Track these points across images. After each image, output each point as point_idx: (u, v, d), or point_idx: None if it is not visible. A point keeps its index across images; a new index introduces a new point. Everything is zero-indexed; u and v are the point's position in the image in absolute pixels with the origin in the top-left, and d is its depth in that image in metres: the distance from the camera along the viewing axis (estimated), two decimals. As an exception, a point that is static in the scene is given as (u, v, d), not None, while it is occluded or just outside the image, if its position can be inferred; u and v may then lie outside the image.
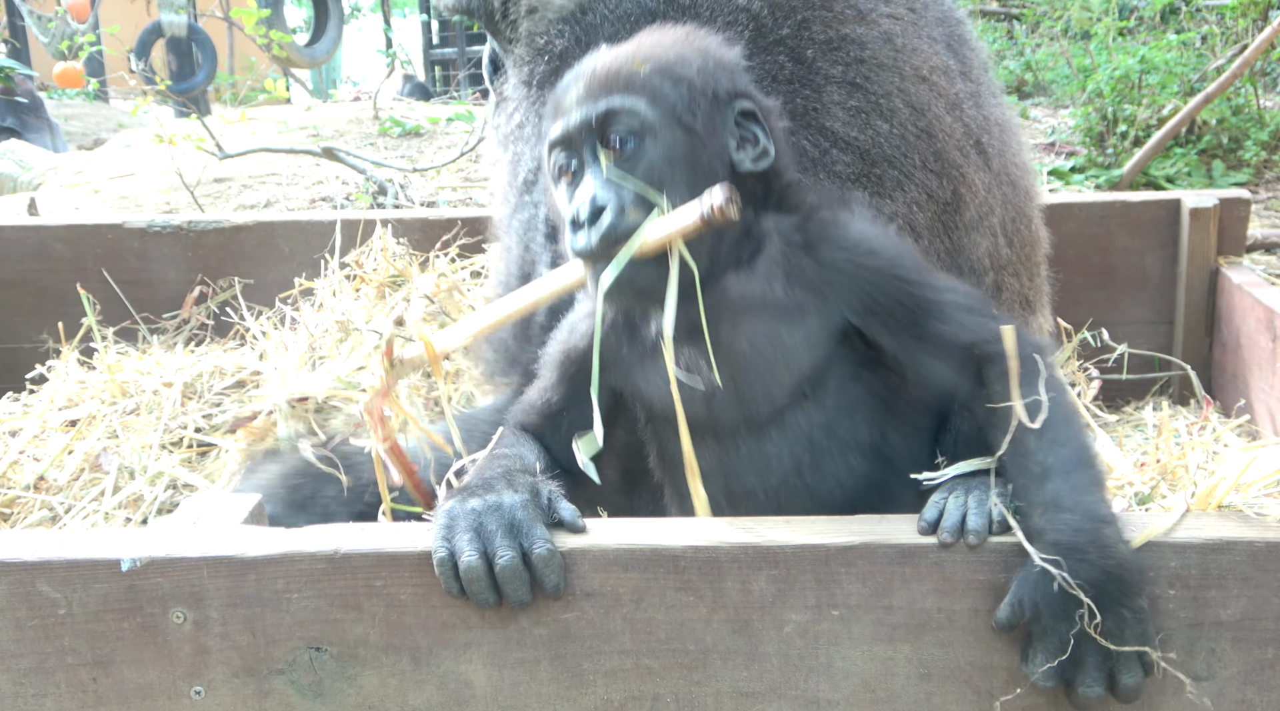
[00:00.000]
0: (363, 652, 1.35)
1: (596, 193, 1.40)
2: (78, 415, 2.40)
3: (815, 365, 1.49)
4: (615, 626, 1.33)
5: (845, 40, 1.88)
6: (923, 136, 1.90)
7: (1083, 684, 1.24)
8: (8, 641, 1.36)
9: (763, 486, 1.50)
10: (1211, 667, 1.30)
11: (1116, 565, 1.23)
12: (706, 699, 1.35)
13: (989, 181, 2.01)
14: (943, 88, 1.98)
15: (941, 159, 1.91)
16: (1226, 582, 1.28)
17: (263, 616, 1.34)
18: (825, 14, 1.88)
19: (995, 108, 2.15)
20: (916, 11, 2.02)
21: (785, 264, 1.50)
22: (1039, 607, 1.24)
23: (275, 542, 1.35)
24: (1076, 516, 1.26)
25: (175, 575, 1.33)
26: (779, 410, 1.49)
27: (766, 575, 1.30)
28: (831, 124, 1.82)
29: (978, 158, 2.00)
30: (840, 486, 1.49)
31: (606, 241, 1.38)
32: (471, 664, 1.35)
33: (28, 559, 1.34)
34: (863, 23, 1.91)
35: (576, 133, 1.45)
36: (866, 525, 1.34)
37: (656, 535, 1.33)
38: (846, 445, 1.49)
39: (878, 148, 1.85)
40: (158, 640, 1.35)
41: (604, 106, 1.44)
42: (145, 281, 2.84)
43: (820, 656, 1.33)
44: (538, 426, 1.63)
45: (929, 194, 1.89)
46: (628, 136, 1.43)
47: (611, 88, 1.46)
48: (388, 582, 1.33)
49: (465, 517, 1.32)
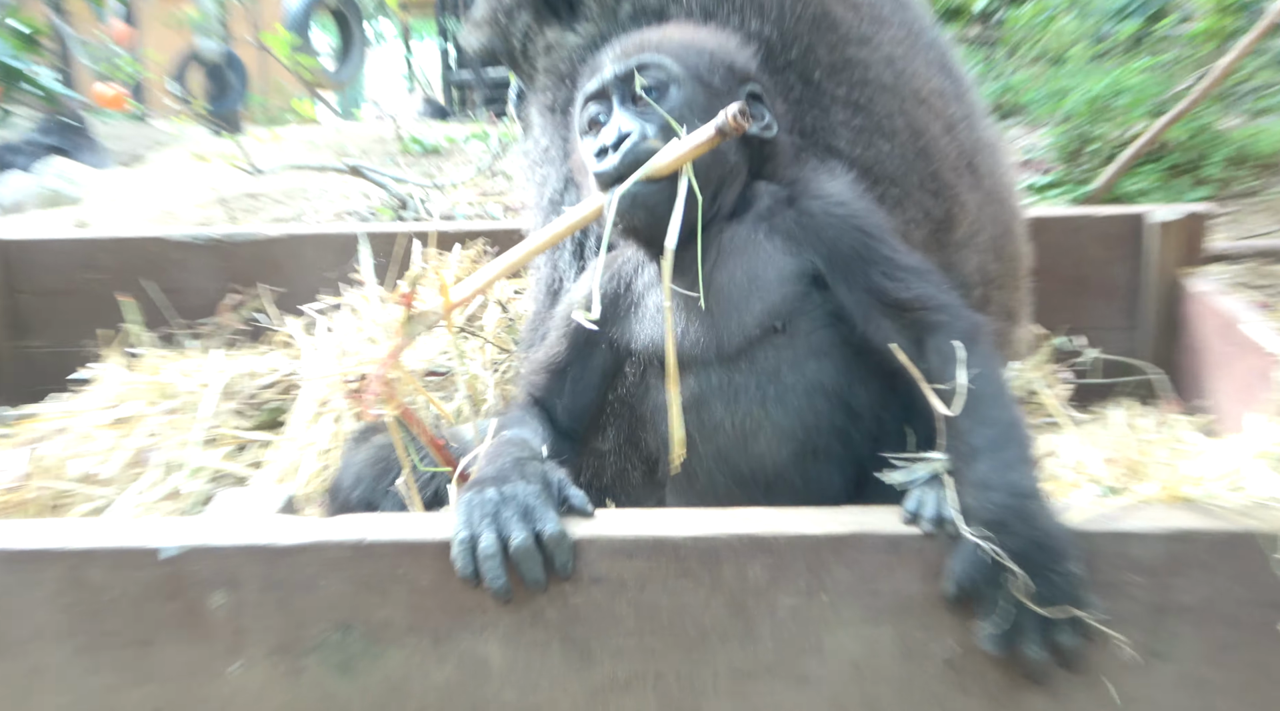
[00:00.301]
0: (387, 633, 1.36)
1: (622, 122, 1.50)
2: (123, 414, 2.41)
3: (785, 303, 1.51)
4: (621, 609, 1.34)
5: (849, 63, 1.87)
6: (921, 157, 1.88)
7: (1026, 648, 1.25)
8: (59, 623, 1.37)
9: (731, 417, 1.51)
10: (1172, 648, 1.31)
11: (1042, 535, 1.24)
12: (705, 676, 1.36)
13: (980, 200, 2.00)
14: (939, 109, 1.97)
15: (937, 179, 1.90)
16: (1188, 570, 1.29)
17: (295, 599, 1.35)
18: (831, 37, 1.87)
19: (985, 129, 2.14)
20: (914, 35, 2.02)
21: (770, 216, 1.57)
22: (976, 580, 1.25)
23: (306, 532, 1.36)
24: (1002, 494, 1.27)
25: (214, 562, 1.35)
26: (750, 343, 1.51)
27: (761, 562, 1.31)
28: (837, 143, 1.81)
29: (970, 177, 1.99)
30: (801, 421, 1.50)
31: (628, 160, 1.47)
32: (488, 643, 1.36)
33: (77, 547, 1.36)
34: (865, 46, 1.90)
35: (610, 84, 1.56)
36: (855, 516, 1.35)
37: (659, 526, 1.34)
38: (811, 383, 1.51)
39: (880, 166, 1.84)
40: (198, 621, 1.36)
41: (635, 61, 1.55)
42: (184, 290, 2.84)
43: (810, 637, 1.33)
44: (544, 385, 1.66)
45: (925, 212, 1.88)
46: (656, 85, 1.53)
47: (644, 48, 1.58)
48: (410, 569, 1.34)
49: (483, 506, 1.33)
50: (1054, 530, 1.26)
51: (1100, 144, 4.76)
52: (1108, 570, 1.29)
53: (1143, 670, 1.32)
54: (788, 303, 1.51)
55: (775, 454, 1.52)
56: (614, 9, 1.89)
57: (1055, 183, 4.75)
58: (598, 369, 1.65)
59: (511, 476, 1.38)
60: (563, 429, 1.64)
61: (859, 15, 1.95)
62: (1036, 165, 5.06)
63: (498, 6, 2.06)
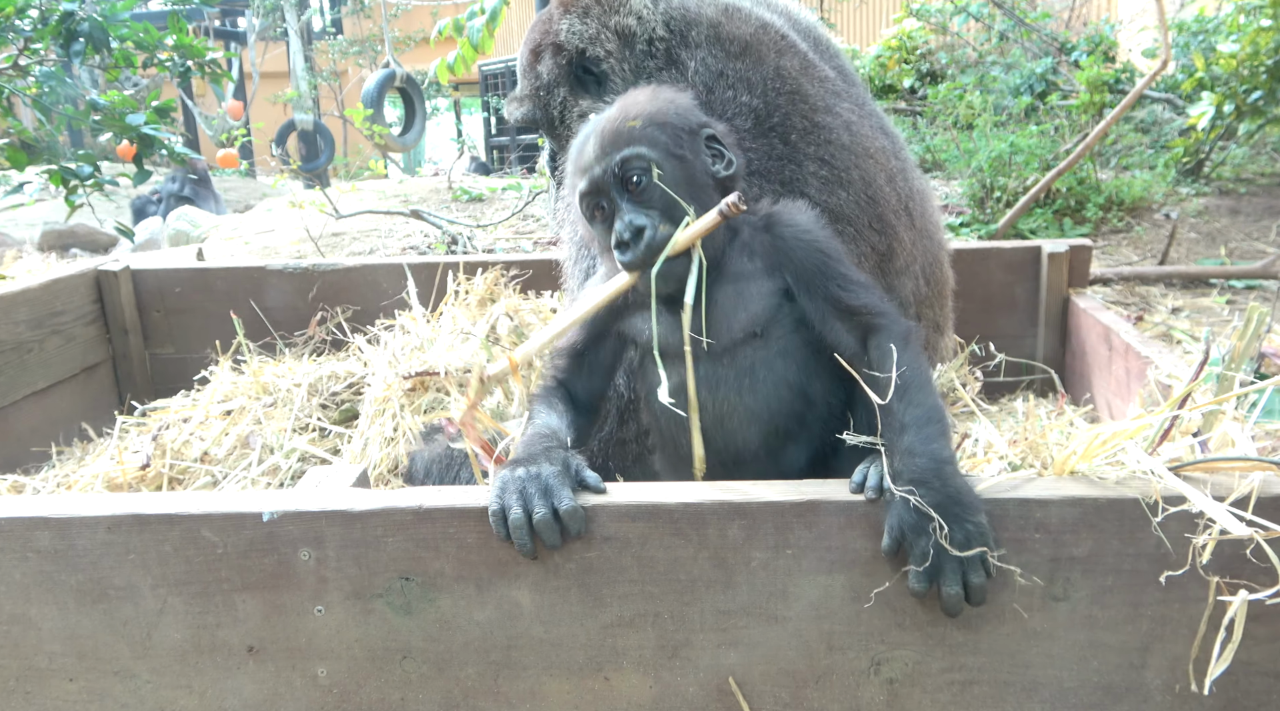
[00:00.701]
0: (440, 581, 1.34)
1: (633, 218, 1.45)
2: (231, 407, 2.40)
3: (763, 314, 1.50)
4: (626, 562, 1.32)
5: (818, 127, 1.86)
6: (869, 202, 1.87)
7: (945, 584, 1.23)
8: (181, 573, 1.35)
9: (711, 402, 1.50)
10: (1067, 591, 1.29)
11: (955, 490, 1.23)
12: (694, 615, 1.33)
13: (914, 237, 1.99)
14: (883, 163, 1.96)
15: (882, 220, 1.89)
16: (1078, 529, 1.27)
17: (367, 554, 1.33)
18: (803, 107, 1.86)
19: (917, 179, 2.13)
20: (860, 105, 2.02)
21: (750, 244, 1.54)
22: (904, 529, 1.23)
23: (376, 500, 1.34)
24: (924, 459, 1.26)
25: (303, 524, 1.33)
26: (734, 344, 1.49)
27: (738, 524, 1.29)
28: (808, 191, 1.80)
29: (906, 218, 1.98)
30: (767, 407, 1.49)
31: (649, 251, 1.43)
32: (520, 590, 1.34)
33: (195, 512, 1.34)
34: (829, 114, 1.89)
35: (601, 182, 1.47)
36: (814, 487, 1.32)
37: (656, 495, 1.32)
38: (777, 377, 1.49)
39: (840, 209, 1.83)
40: (290, 572, 1.34)
41: (618, 158, 1.46)
42: (280, 309, 2.84)
43: (778, 584, 1.31)
44: (565, 369, 1.62)
45: (872, 247, 1.87)
46: (641, 175, 1.45)
47: (619, 143, 1.47)
48: (459, 530, 1.32)
49: (513, 483, 1.31)
50: (965, 488, 1.25)
51: (1002, 192, 4.75)
52: (1015, 529, 1.27)
53: (1044, 610, 1.29)
54: (765, 313, 1.50)
55: (746, 432, 1.50)
56: (634, 82, 1.87)
57: (967, 222, 4.74)
58: (609, 353, 1.63)
59: (539, 459, 1.36)
60: (582, 405, 1.61)
61: (824, 88, 1.94)
62: (953, 208, 5.05)
63: (538, 84, 2.03)
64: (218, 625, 1.37)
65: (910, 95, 7.93)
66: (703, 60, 1.87)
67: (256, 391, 2.43)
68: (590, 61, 1.93)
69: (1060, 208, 4.71)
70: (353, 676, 1.38)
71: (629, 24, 1.90)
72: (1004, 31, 7.66)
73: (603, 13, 1.92)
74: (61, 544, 1.35)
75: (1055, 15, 8.20)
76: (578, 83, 1.97)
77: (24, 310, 2.61)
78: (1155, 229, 4.62)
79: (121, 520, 1.34)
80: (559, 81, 1.99)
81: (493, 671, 1.37)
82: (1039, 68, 6.84)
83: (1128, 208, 4.76)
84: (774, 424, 1.50)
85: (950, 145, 5.88)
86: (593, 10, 1.93)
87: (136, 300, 2.88)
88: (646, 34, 1.89)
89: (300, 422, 2.33)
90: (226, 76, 4.41)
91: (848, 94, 2.00)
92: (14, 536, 1.35)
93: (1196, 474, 1.30)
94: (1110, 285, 3.88)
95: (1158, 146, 5.84)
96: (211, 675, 1.39)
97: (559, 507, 1.28)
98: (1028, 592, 1.29)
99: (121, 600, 1.37)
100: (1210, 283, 3.94)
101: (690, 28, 1.90)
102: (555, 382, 1.63)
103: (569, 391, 1.62)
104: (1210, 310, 3.61)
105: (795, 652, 1.34)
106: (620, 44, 1.90)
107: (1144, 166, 5.47)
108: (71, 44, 3.75)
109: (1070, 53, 7.25)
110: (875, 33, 10.48)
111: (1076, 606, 1.30)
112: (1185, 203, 4.81)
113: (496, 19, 3.72)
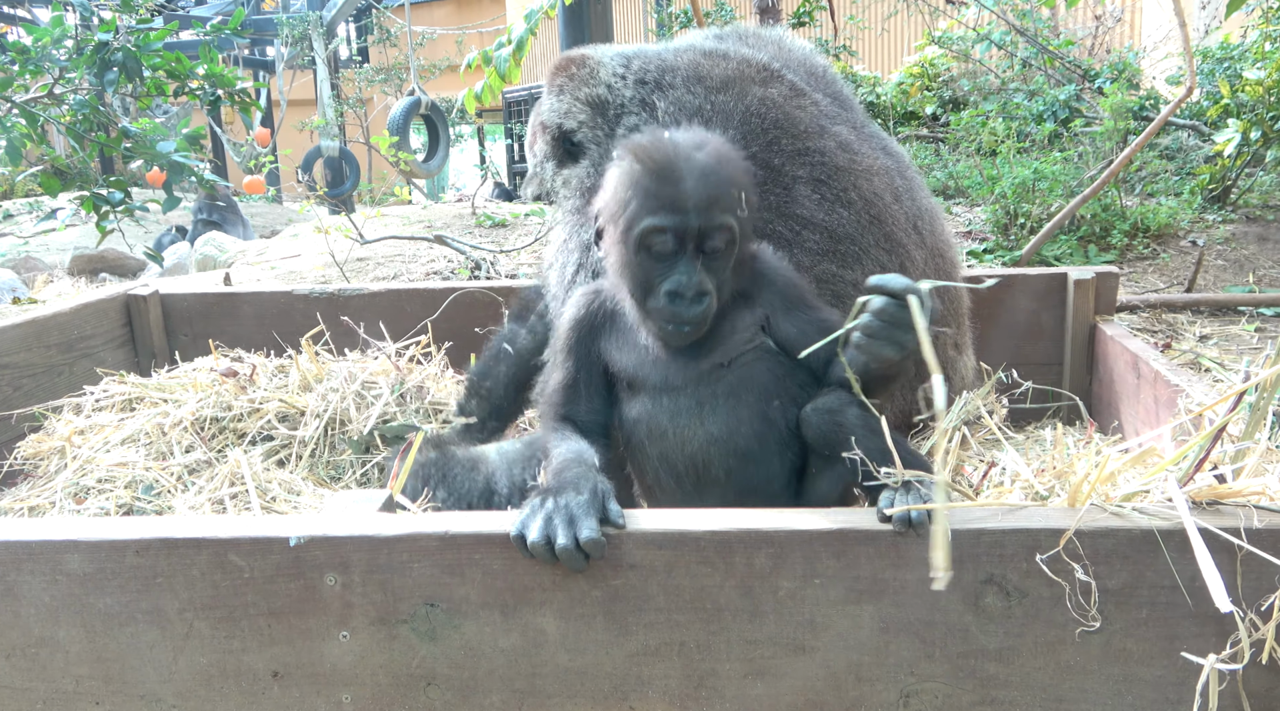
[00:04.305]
0: (465, 607, 1.33)
1: (703, 282, 1.46)
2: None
3: (735, 347, 1.54)
4: (652, 590, 1.31)
5: (808, 151, 1.89)
6: (874, 221, 1.88)
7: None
8: (207, 597, 1.35)
9: (672, 428, 1.54)
10: (1101, 622, 1.27)
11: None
12: (720, 644, 1.32)
13: (925, 256, 2.00)
14: (887, 183, 1.97)
15: (890, 239, 1.90)
16: (1111, 561, 1.25)
17: (392, 580, 1.33)
18: (792, 132, 1.88)
19: (925, 198, 2.14)
20: (857, 128, 2.04)
21: (735, 284, 1.56)
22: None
23: (402, 525, 1.34)
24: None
25: (329, 549, 1.33)
26: (700, 375, 1.53)
27: (765, 552, 1.28)
28: (801, 212, 1.82)
29: (916, 237, 1.99)
30: (727, 430, 1.52)
31: (702, 318, 1.47)
32: (545, 617, 1.33)
33: (222, 536, 1.34)
34: (821, 137, 1.91)
35: (687, 232, 1.45)
36: (842, 515, 1.31)
37: (683, 522, 1.31)
38: (739, 401, 1.53)
39: (841, 227, 1.84)
40: (315, 597, 1.34)
41: (717, 222, 1.45)
42: (306, 332, 2.85)
43: (805, 613, 1.30)
44: (566, 403, 1.63)
45: (881, 266, 1.87)
46: (726, 246, 1.47)
47: (718, 206, 1.45)
48: (484, 556, 1.32)
49: (543, 512, 1.32)
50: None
51: (1025, 219, 4.73)
52: (1047, 559, 1.25)
53: (1078, 642, 1.27)
54: (737, 346, 1.54)
55: (706, 455, 1.53)
56: (606, 146, 1.96)
57: (990, 249, 4.72)
58: (601, 373, 1.64)
59: (567, 488, 1.36)
60: (592, 432, 1.61)
61: (816, 113, 1.99)
62: (976, 235, 5.03)
63: (536, 162, 2.16)
64: (243, 650, 1.37)
65: (933, 122, 7.94)
66: (676, 99, 1.93)
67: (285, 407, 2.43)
68: (568, 133, 2.04)
69: (1085, 234, 4.69)
70: (377, 703, 1.38)
71: (599, 93, 1.99)
72: (1027, 59, 7.66)
73: (575, 87, 2.03)
74: (90, 567, 1.35)
75: (1079, 42, 8.19)
76: (565, 154, 2.07)
77: (55, 334, 2.64)
78: (1181, 256, 4.58)
79: (150, 544, 1.34)
80: (548, 157, 2.11)
81: (517, 699, 1.36)
82: (1062, 94, 6.83)
83: (1153, 234, 4.73)
84: (734, 445, 1.53)
85: (973, 172, 5.87)
86: (566, 87, 2.04)
87: (165, 324, 2.91)
88: (619, 100, 1.99)
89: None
90: (255, 105, 4.48)
91: (843, 118, 2.04)
92: (44, 559, 1.36)
93: (1230, 504, 1.28)
94: (1137, 312, 3.85)
95: (1183, 173, 5.80)
96: (236, 700, 1.39)
97: (579, 536, 1.28)
98: (1060, 625, 1.27)
99: (148, 623, 1.37)
100: (1239, 310, 3.89)
101: (665, 74, 1.99)
102: (559, 417, 1.63)
103: (574, 423, 1.62)
104: (1239, 338, 3.56)
105: (823, 684, 1.32)
106: (592, 113, 2.00)
107: (1169, 193, 5.43)
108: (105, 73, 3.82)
109: (1094, 79, 7.24)
110: (898, 60, 10.51)
111: (1110, 639, 1.27)
112: (1212, 229, 4.77)
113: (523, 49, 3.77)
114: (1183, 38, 3.79)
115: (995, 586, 1.27)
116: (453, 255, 5.37)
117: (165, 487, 2.10)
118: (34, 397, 2.54)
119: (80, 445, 2.26)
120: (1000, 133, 5.62)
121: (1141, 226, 4.72)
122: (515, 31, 3.87)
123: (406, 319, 2.82)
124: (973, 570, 1.26)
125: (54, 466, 2.23)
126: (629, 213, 1.48)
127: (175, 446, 2.22)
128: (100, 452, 2.21)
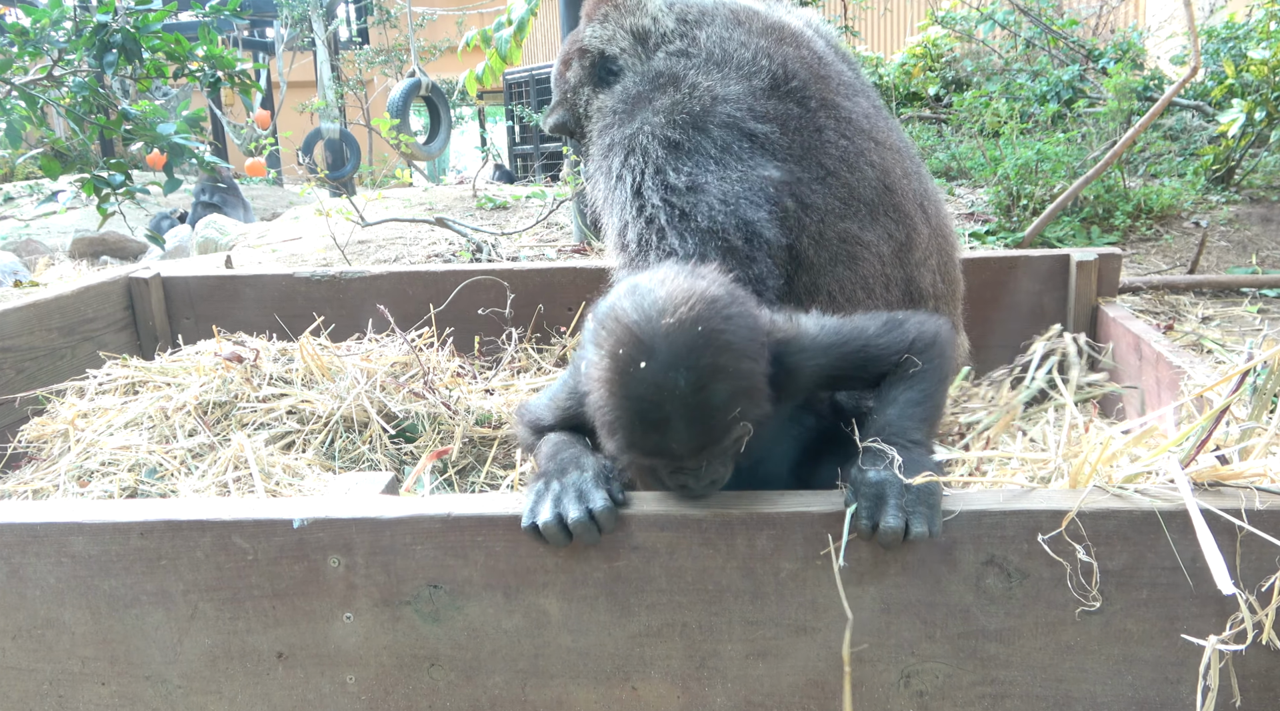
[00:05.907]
0: (468, 589, 1.34)
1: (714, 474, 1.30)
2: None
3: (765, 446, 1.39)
4: (654, 572, 1.31)
5: (837, 105, 1.94)
6: (887, 190, 1.90)
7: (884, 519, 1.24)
8: (211, 578, 1.36)
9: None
10: (1102, 603, 1.27)
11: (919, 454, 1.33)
12: (721, 625, 1.33)
13: (929, 233, 2.02)
14: (900, 158, 2.00)
15: (899, 210, 1.92)
16: (1112, 542, 1.25)
17: (395, 562, 1.34)
18: (823, 85, 1.94)
19: (929, 182, 2.18)
20: (877, 108, 2.09)
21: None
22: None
23: (405, 507, 1.34)
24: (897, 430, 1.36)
25: (333, 531, 1.33)
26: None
27: (767, 534, 1.29)
28: (826, 162, 1.84)
29: (922, 215, 2.01)
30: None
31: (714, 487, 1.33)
32: (548, 598, 1.33)
33: (226, 518, 1.34)
34: (849, 99, 1.96)
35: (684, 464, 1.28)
36: (844, 496, 1.31)
37: (685, 505, 1.31)
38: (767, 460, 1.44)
39: (858, 188, 1.86)
40: (319, 579, 1.35)
41: (714, 454, 1.27)
42: (307, 316, 2.85)
43: (806, 594, 1.30)
44: (554, 419, 1.56)
45: (890, 234, 1.89)
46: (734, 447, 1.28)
47: (707, 440, 1.24)
48: (486, 538, 1.32)
49: (550, 494, 1.32)
50: (925, 457, 1.33)
51: (1028, 200, 4.71)
52: (1048, 540, 1.25)
53: (1078, 623, 1.28)
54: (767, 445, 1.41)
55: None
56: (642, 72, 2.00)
57: (993, 230, 4.71)
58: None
59: (570, 468, 1.37)
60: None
61: (851, 69, 2.11)
62: (979, 217, 5.02)
63: (567, 88, 2.20)
64: (248, 631, 1.38)
65: (935, 103, 7.89)
66: (716, 34, 1.99)
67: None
68: (609, 60, 2.09)
69: (1088, 216, 4.67)
70: (381, 683, 1.39)
71: (644, 24, 2.07)
72: (1030, 39, 7.61)
73: (620, 16, 2.10)
74: (95, 549, 1.36)
75: (1082, 22, 8.14)
76: (600, 81, 2.11)
77: (57, 317, 2.64)
78: (1184, 237, 4.56)
79: (154, 526, 1.35)
80: (584, 82, 2.15)
81: (520, 680, 1.37)
82: (1066, 75, 6.79)
83: (1156, 216, 4.71)
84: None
85: (976, 153, 5.85)
86: (611, 15, 2.12)
87: (167, 307, 2.91)
88: (660, 31, 2.05)
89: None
90: (255, 86, 4.45)
91: (865, 94, 2.08)
92: (49, 541, 1.36)
93: (1232, 486, 1.28)
94: (1139, 294, 3.84)
95: (1187, 154, 5.77)
96: (241, 681, 1.40)
97: (593, 509, 1.28)
98: (1060, 606, 1.27)
99: (153, 605, 1.38)
100: (1241, 291, 3.88)
101: (705, 16, 2.06)
102: (538, 431, 1.58)
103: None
104: (1241, 319, 3.56)
105: (825, 664, 1.33)
106: (634, 41, 2.07)
107: (1173, 174, 5.41)
108: (105, 55, 3.80)
109: (1098, 60, 7.19)
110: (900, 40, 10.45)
111: (1111, 620, 1.28)
112: (1215, 210, 4.75)
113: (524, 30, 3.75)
114: (1187, 17, 3.76)
115: (996, 567, 1.27)
116: (454, 237, 5.36)
117: (169, 471, 2.10)
118: (37, 381, 2.54)
119: (84, 428, 2.26)
120: (1003, 113, 5.59)
121: (1144, 208, 4.70)
122: (516, 12, 3.85)
123: (409, 301, 2.81)
124: (974, 551, 1.26)
125: (58, 449, 2.24)
126: (615, 442, 1.29)
127: (179, 430, 2.22)
128: (104, 436, 2.21)
